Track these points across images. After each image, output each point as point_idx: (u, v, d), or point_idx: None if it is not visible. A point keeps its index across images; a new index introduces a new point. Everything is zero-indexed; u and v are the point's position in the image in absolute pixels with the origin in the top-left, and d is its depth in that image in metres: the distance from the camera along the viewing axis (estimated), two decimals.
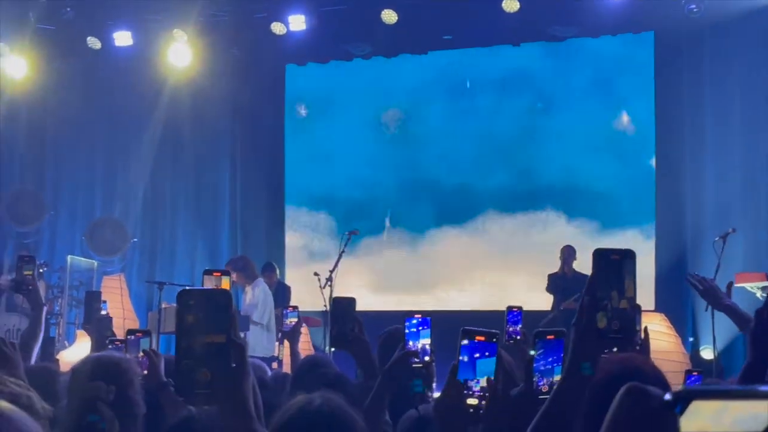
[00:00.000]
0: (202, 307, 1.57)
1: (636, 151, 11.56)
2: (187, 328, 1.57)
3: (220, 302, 1.58)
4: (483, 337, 2.05)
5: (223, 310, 1.57)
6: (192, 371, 1.55)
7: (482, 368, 2.02)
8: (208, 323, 1.56)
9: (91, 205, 13.53)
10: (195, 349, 1.55)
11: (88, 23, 12.26)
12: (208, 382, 1.55)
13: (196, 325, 1.56)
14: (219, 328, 1.56)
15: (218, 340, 1.56)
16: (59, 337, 10.85)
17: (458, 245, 12.27)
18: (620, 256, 1.82)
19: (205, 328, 1.56)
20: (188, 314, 1.57)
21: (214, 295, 1.60)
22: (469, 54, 12.30)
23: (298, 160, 13.08)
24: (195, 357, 1.55)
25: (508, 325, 4.27)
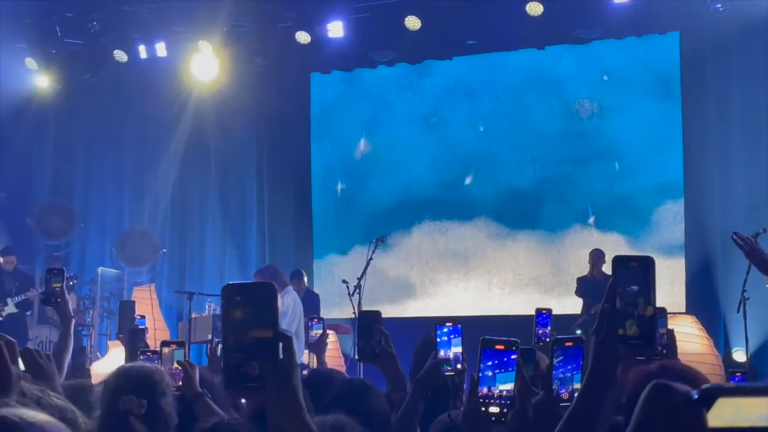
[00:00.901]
0: (247, 301, 1.58)
1: (664, 152, 11.48)
2: (233, 322, 1.58)
3: (264, 295, 1.60)
4: (502, 345, 2.06)
5: (268, 302, 1.59)
6: (241, 364, 1.56)
7: (503, 376, 2.03)
8: (254, 317, 1.57)
9: (121, 216, 13.64)
10: (242, 343, 1.57)
11: (114, 36, 12.39)
12: (257, 374, 1.56)
13: (242, 319, 1.58)
14: (265, 321, 1.58)
15: (265, 334, 1.57)
16: (91, 348, 10.94)
17: (490, 250, 12.24)
18: (640, 263, 1.81)
19: (252, 321, 1.57)
20: (234, 308, 1.58)
21: (258, 288, 1.61)
22: (493, 58, 12.28)
23: (324, 167, 13.11)
24: (243, 350, 1.56)
25: (538, 327, 4.28)
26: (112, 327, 11.67)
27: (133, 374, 3.01)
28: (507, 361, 2.05)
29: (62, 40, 12.43)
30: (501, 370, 2.04)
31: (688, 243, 11.18)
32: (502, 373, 2.04)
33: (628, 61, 11.70)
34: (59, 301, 4.21)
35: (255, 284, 1.61)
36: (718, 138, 10.95)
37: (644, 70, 11.63)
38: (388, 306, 12.26)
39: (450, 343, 3.03)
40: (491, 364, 2.05)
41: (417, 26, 11.37)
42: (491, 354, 2.05)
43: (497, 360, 2.04)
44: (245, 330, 1.57)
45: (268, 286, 1.61)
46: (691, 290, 10.91)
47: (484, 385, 2.04)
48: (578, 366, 2.21)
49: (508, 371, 2.04)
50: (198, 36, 12.09)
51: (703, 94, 11.11)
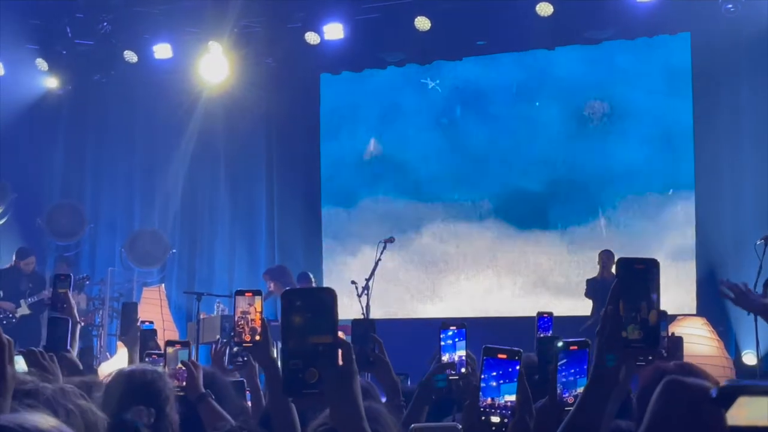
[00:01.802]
0: (308, 307, 1.58)
1: (674, 153, 11.43)
2: (293, 328, 1.57)
3: (325, 301, 1.59)
4: (505, 355, 2.04)
5: (328, 309, 1.58)
6: (300, 371, 1.55)
7: (505, 386, 2.01)
8: (314, 323, 1.57)
9: (130, 217, 13.66)
10: (302, 348, 1.56)
11: (124, 37, 12.41)
12: (316, 381, 1.55)
13: (302, 325, 1.57)
14: (325, 327, 1.57)
15: (325, 340, 1.56)
16: (101, 348, 10.96)
17: (500, 251, 12.21)
18: (645, 266, 1.79)
19: (312, 327, 1.57)
20: (294, 314, 1.58)
21: (319, 294, 1.61)
22: (502, 59, 12.25)
23: (333, 168, 13.10)
24: (302, 357, 1.55)
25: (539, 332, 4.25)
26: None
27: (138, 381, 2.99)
28: (511, 372, 2.03)
29: (73, 40, 12.45)
30: (505, 380, 2.02)
31: (699, 244, 11.12)
32: (506, 384, 2.02)
33: (639, 61, 11.64)
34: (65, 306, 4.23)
35: (316, 289, 1.61)
36: (729, 139, 10.89)
37: (655, 71, 11.57)
38: (397, 307, 12.25)
39: (454, 346, 3.01)
40: (495, 374, 2.02)
41: (427, 27, 11.35)
42: (494, 363, 2.03)
43: (501, 370, 2.02)
44: (305, 335, 1.56)
45: (330, 292, 1.60)
46: (702, 292, 10.85)
47: (488, 395, 2.02)
48: (583, 370, 2.19)
49: (513, 382, 2.02)
50: (208, 37, 12.09)
51: (714, 94, 11.05)
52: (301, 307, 1.57)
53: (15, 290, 10.96)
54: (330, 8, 11.62)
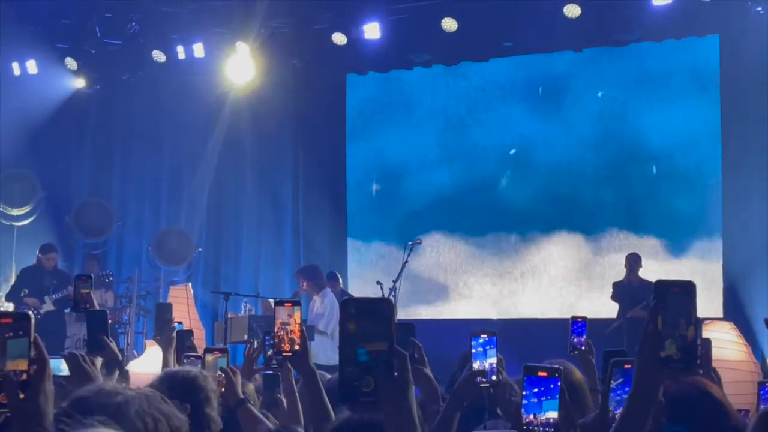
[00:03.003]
0: (364, 316, 1.61)
1: (702, 156, 11.37)
2: (349, 335, 1.60)
3: (382, 311, 1.62)
4: (545, 372, 2.07)
5: (385, 318, 1.61)
6: (356, 379, 1.58)
7: (547, 402, 2.04)
8: (370, 331, 1.60)
9: (157, 215, 13.76)
10: (358, 357, 1.59)
11: (152, 37, 12.50)
12: (372, 389, 1.58)
13: (358, 333, 1.60)
14: (381, 336, 1.60)
15: (380, 347, 1.59)
16: (128, 346, 11.05)
17: (525, 252, 12.19)
18: (682, 288, 1.82)
19: (367, 335, 1.60)
20: (350, 322, 1.61)
21: (376, 304, 1.63)
22: (530, 60, 12.23)
23: (359, 168, 13.13)
24: (358, 364, 1.58)
25: (573, 336, 4.25)
26: (148, 325, 11.79)
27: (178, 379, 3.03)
28: (553, 388, 2.06)
29: (101, 40, 12.56)
30: (547, 397, 2.05)
31: (726, 248, 11.05)
32: (548, 401, 2.05)
33: (667, 63, 11.58)
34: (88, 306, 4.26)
35: (374, 299, 1.64)
36: (758, 142, 10.80)
37: (683, 73, 11.51)
38: (422, 308, 12.26)
39: (486, 354, 3.03)
40: (537, 391, 2.06)
41: (454, 28, 11.35)
42: (535, 381, 2.07)
43: (542, 387, 2.06)
44: (361, 343, 1.60)
45: (387, 302, 1.64)
46: (729, 296, 10.79)
47: (530, 412, 2.05)
48: None
49: (555, 398, 2.05)
50: (235, 37, 12.16)
51: (742, 97, 10.97)
52: (357, 315, 1.61)
53: (39, 287, 11.09)
54: (358, 9, 11.65)
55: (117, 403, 1.60)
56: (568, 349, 4.20)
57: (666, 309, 1.80)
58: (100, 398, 1.65)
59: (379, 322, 1.60)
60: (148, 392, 1.83)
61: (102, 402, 1.65)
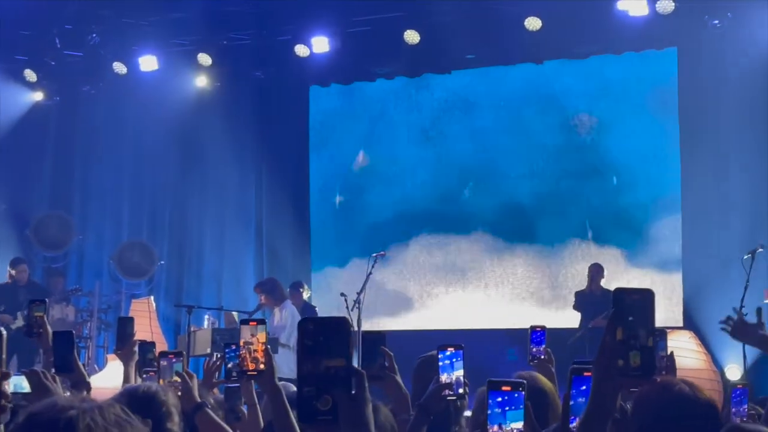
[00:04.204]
0: (321, 334, 1.61)
1: (661, 167, 11.51)
2: (307, 354, 1.61)
3: (339, 329, 1.63)
4: (509, 387, 2.10)
5: (342, 336, 1.62)
6: (314, 397, 1.58)
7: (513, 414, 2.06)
8: (327, 348, 1.61)
9: (119, 228, 13.63)
10: (316, 375, 1.59)
11: (113, 49, 12.42)
12: (329, 408, 1.58)
13: (315, 351, 1.61)
14: (338, 354, 1.61)
15: (337, 364, 1.60)
16: (89, 360, 10.93)
17: (488, 263, 12.25)
18: (641, 296, 1.84)
19: (325, 353, 1.60)
20: (308, 340, 1.61)
21: (333, 323, 1.65)
22: (492, 72, 12.31)
23: (322, 180, 13.13)
24: (316, 383, 1.59)
25: (532, 345, 4.28)
26: (110, 339, 11.67)
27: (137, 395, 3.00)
28: (517, 398, 2.08)
29: (61, 51, 12.45)
30: (511, 407, 2.07)
31: (686, 258, 11.20)
32: (512, 411, 2.07)
33: (626, 76, 11.73)
34: (41, 331, 4.19)
35: (330, 318, 1.65)
36: (715, 153, 10.97)
37: (643, 86, 11.66)
38: (387, 319, 12.26)
39: (452, 366, 3.05)
40: (501, 401, 2.07)
41: (416, 40, 11.40)
42: (499, 394, 2.08)
43: (506, 397, 2.07)
44: (318, 361, 1.60)
45: (343, 320, 1.65)
46: (689, 305, 10.91)
47: (494, 422, 2.06)
48: None
49: (519, 409, 2.07)
50: (197, 49, 12.13)
51: (700, 109, 11.13)
52: (314, 333, 1.61)
53: (14, 302, 10.94)
54: (320, 21, 11.65)
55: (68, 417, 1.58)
56: (528, 358, 4.23)
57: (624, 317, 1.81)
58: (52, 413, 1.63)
59: (337, 341, 1.61)
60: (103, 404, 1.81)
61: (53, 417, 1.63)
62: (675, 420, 2.51)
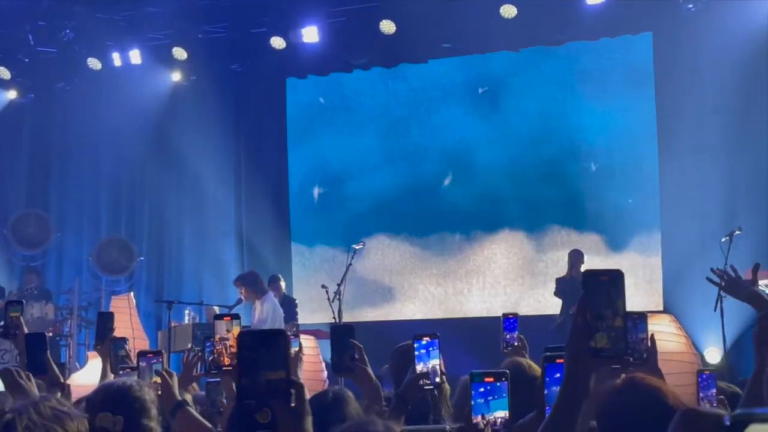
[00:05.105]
0: (260, 347, 1.61)
1: (639, 152, 11.55)
2: (246, 366, 1.61)
3: (277, 342, 1.63)
4: (492, 378, 2.11)
5: (281, 349, 1.62)
6: (253, 410, 1.58)
7: (496, 403, 2.07)
8: (266, 361, 1.60)
9: (97, 225, 13.55)
10: (255, 388, 1.59)
11: (87, 44, 12.31)
12: (269, 421, 1.58)
13: (255, 364, 1.60)
14: (277, 366, 1.60)
15: (277, 376, 1.60)
16: (69, 358, 10.86)
17: (468, 252, 12.26)
18: (610, 277, 1.84)
19: (264, 365, 1.60)
20: (247, 353, 1.61)
21: (271, 336, 1.65)
22: (468, 61, 12.31)
23: (301, 172, 13.10)
24: (255, 396, 1.59)
25: (505, 333, 4.28)
26: (90, 337, 11.60)
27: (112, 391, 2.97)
28: (500, 388, 2.10)
29: (35, 48, 12.33)
30: (494, 397, 2.08)
31: (665, 242, 11.25)
32: (495, 401, 2.08)
33: (602, 62, 11.75)
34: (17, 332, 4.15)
35: (269, 331, 1.66)
36: (693, 137, 11.00)
37: (619, 71, 11.69)
38: (368, 310, 12.27)
39: (429, 355, 3.04)
40: (483, 391, 2.09)
41: (392, 30, 11.38)
42: (481, 385, 2.10)
43: (489, 387, 2.09)
44: (258, 374, 1.60)
45: (282, 333, 1.66)
46: (669, 289, 10.98)
47: (478, 413, 2.08)
48: None
49: (503, 398, 2.08)
50: (172, 43, 12.05)
51: (676, 93, 11.16)
52: (254, 345, 1.61)
53: None
54: (295, 13, 11.60)
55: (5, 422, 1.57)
56: (502, 346, 4.23)
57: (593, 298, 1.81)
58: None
59: (276, 354, 1.61)
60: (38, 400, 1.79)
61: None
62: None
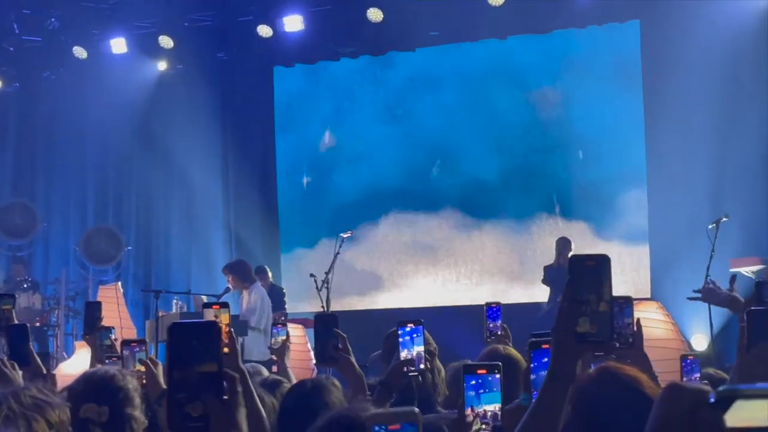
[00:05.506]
0: (192, 339, 1.58)
1: (626, 140, 11.57)
2: (177, 359, 1.57)
3: (209, 333, 1.60)
4: (485, 370, 2.12)
5: (213, 341, 1.59)
6: (184, 403, 1.55)
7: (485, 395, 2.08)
8: (198, 354, 1.57)
9: (84, 214, 13.50)
10: (186, 381, 1.56)
11: (73, 33, 12.24)
12: (200, 414, 1.55)
13: (186, 357, 1.57)
14: (210, 357, 1.57)
15: (209, 369, 1.56)
16: (57, 348, 10.83)
17: (457, 240, 12.27)
18: (596, 262, 1.83)
19: (196, 358, 1.57)
20: (178, 346, 1.58)
21: (203, 327, 1.61)
22: (456, 49, 12.29)
23: (289, 161, 13.07)
24: (187, 389, 1.55)
25: (488, 321, 4.29)
26: (77, 326, 11.56)
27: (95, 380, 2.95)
28: (491, 380, 2.11)
29: (20, 37, 12.26)
30: (485, 390, 2.09)
31: (652, 229, 11.28)
32: (485, 393, 2.09)
33: (590, 50, 11.75)
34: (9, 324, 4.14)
35: (200, 322, 1.62)
36: (680, 124, 11.02)
37: (606, 59, 11.69)
38: (357, 299, 12.27)
39: (413, 342, 3.04)
40: (474, 383, 2.11)
41: (379, 18, 11.35)
42: (473, 377, 2.10)
43: (480, 380, 2.10)
44: (189, 367, 1.57)
45: (213, 324, 1.62)
46: (656, 276, 11.01)
47: (468, 405, 2.09)
48: None
49: (493, 391, 2.09)
50: (158, 31, 11.99)
51: (663, 81, 11.17)
52: (186, 337, 1.58)
53: None
54: (282, 1, 11.56)
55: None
56: (485, 335, 4.24)
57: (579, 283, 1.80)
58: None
59: (207, 345, 1.58)
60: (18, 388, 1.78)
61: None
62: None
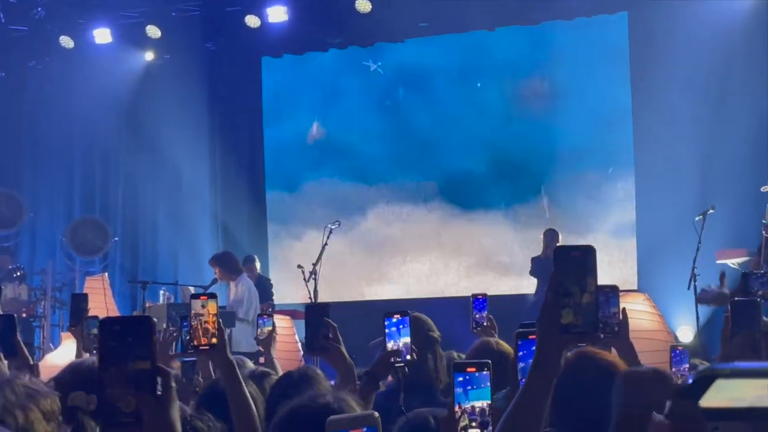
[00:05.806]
0: (125, 334, 1.57)
1: (614, 132, 11.58)
2: (110, 355, 1.57)
3: (143, 328, 1.59)
4: (474, 368, 2.12)
5: (146, 336, 1.58)
6: (116, 399, 1.55)
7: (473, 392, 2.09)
8: (132, 349, 1.57)
9: (71, 205, 13.44)
10: (119, 377, 1.56)
11: (60, 23, 12.18)
12: (132, 410, 1.55)
13: (119, 352, 1.56)
14: (143, 354, 1.57)
15: (143, 366, 1.56)
16: (44, 339, 10.79)
17: (445, 232, 12.28)
18: (581, 253, 1.82)
19: (130, 354, 1.56)
20: (111, 341, 1.57)
21: (137, 322, 1.61)
22: (445, 40, 12.27)
23: (277, 152, 13.05)
24: (119, 384, 1.55)
25: (474, 312, 4.29)
26: (64, 318, 11.53)
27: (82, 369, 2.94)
28: (479, 377, 2.12)
29: (6, 26, 12.19)
30: (473, 386, 2.09)
31: (639, 221, 11.31)
32: (473, 390, 2.10)
33: (578, 41, 11.75)
34: None
35: (134, 317, 1.62)
36: (668, 116, 11.04)
37: (594, 51, 11.69)
38: (345, 290, 12.26)
39: (399, 333, 3.03)
40: (462, 380, 2.12)
41: (368, 9, 11.32)
42: (462, 375, 2.12)
43: (469, 377, 2.12)
44: (122, 362, 1.56)
45: (148, 319, 1.61)
46: (643, 268, 11.05)
47: (456, 402, 2.11)
48: None
49: (481, 387, 2.10)
50: (146, 21, 11.93)
51: (651, 73, 11.19)
52: (119, 333, 1.57)
53: None
54: None
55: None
56: (471, 326, 4.24)
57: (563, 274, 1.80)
58: None
59: (141, 341, 1.57)
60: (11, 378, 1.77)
61: None
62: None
